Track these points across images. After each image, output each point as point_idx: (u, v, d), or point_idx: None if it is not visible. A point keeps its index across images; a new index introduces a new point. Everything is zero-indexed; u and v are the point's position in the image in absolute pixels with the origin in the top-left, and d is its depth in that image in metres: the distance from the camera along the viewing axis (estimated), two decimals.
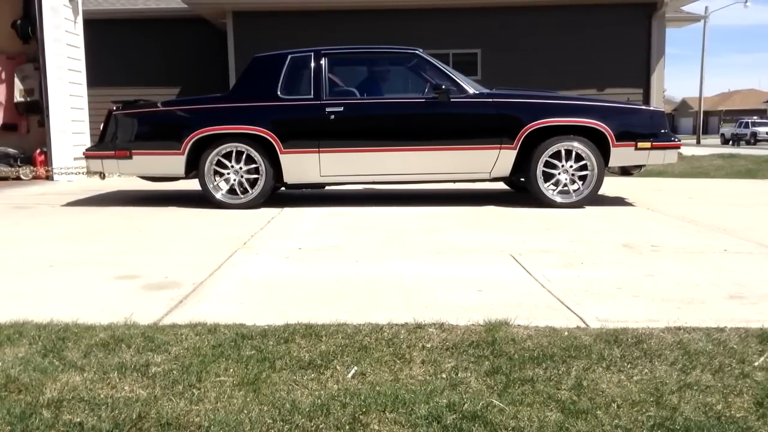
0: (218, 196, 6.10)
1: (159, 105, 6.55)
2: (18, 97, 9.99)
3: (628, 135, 5.93)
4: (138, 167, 6.26)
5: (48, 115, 9.48)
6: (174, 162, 6.07)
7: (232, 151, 6.06)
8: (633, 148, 5.94)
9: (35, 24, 9.50)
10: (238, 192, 6.10)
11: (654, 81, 13.53)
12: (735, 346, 2.36)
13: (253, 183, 6.11)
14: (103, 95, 11.89)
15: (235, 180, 6.10)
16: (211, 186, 6.11)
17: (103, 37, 13.34)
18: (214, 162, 6.08)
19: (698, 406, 1.92)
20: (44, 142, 9.60)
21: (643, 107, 6.96)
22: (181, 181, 6.63)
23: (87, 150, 6.58)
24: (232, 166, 6.08)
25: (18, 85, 9.95)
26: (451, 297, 3.04)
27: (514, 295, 3.09)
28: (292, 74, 6.12)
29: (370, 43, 7.13)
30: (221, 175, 6.10)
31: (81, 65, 10.45)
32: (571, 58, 13.21)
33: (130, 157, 6.16)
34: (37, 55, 9.53)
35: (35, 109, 9.89)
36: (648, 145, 5.95)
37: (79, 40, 10.42)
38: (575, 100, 6.39)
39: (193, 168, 6.15)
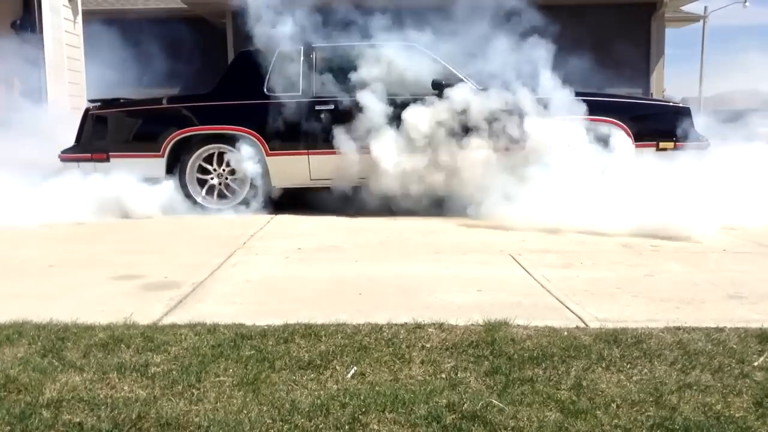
0: (200, 200, 5.80)
1: (138, 104, 6.23)
2: None
3: (648, 134, 5.51)
4: (116, 171, 5.72)
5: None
6: (153, 165, 5.73)
7: (215, 153, 5.79)
8: (654, 148, 5.51)
9: (35, 24, 9.50)
10: (223, 196, 5.83)
11: (654, 81, 13.52)
12: (734, 346, 2.36)
13: (240, 186, 5.82)
14: (103, 95, 11.87)
15: (219, 183, 5.84)
16: (194, 190, 5.80)
17: (103, 36, 13.32)
18: (197, 165, 5.80)
19: (698, 406, 1.92)
20: None
21: (665, 102, 6.34)
22: None
23: (62, 152, 5.95)
24: (216, 169, 5.81)
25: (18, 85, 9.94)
26: (451, 297, 3.04)
27: (514, 295, 3.09)
28: (280, 70, 5.75)
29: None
30: (205, 176, 5.83)
31: (81, 65, 10.45)
32: (571, 58, 13.19)
33: (107, 159, 5.79)
34: None
35: None
36: (671, 145, 5.51)
37: (79, 41, 10.42)
38: (588, 95, 5.88)
39: (174, 170, 5.81)
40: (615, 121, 5.58)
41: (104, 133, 5.95)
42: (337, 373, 2.16)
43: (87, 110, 6.06)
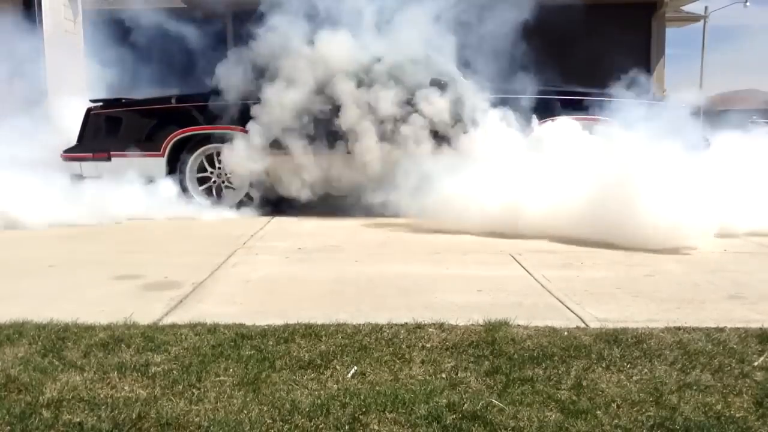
0: (199, 199, 5.84)
1: (139, 104, 6.25)
2: None
3: None
4: (117, 170, 5.82)
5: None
6: (154, 164, 5.80)
7: (215, 153, 5.83)
8: None
9: (35, 23, 9.50)
10: (223, 195, 5.86)
11: (654, 81, 13.52)
12: (734, 346, 2.36)
13: (240, 186, 5.84)
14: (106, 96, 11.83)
15: (218, 183, 5.88)
16: (194, 189, 5.85)
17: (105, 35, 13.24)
18: (197, 165, 5.85)
19: (698, 406, 1.92)
20: None
21: (660, 101, 6.17)
22: None
23: (65, 151, 6.04)
24: (216, 168, 5.85)
25: None
26: (451, 297, 3.04)
27: (514, 295, 3.09)
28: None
29: None
30: (204, 177, 5.88)
31: (81, 65, 10.44)
32: (571, 58, 13.19)
33: (108, 159, 5.85)
34: None
35: None
36: None
37: (79, 40, 10.42)
38: (578, 95, 5.75)
39: (175, 169, 5.87)
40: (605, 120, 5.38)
41: (105, 132, 5.99)
42: (338, 373, 2.16)
43: (89, 110, 6.08)
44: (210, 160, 5.90)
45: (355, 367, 2.19)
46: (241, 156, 5.64)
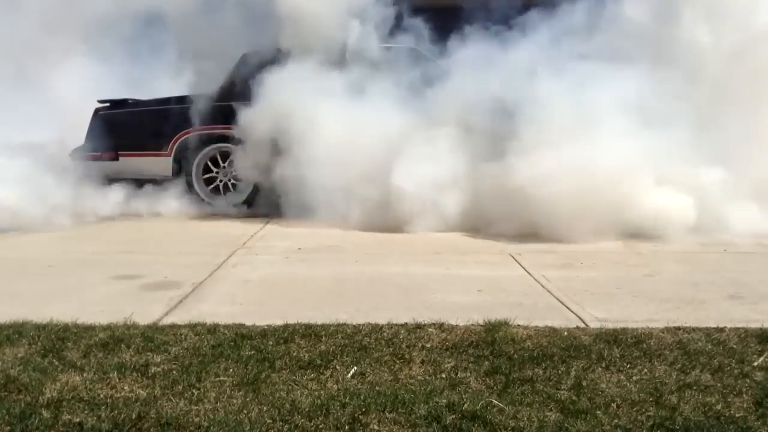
0: (205, 197, 5.91)
1: (145, 104, 6.30)
2: None
3: None
4: (125, 169, 5.97)
5: None
6: (161, 163, 5.90)
7: (221, 152, 5.89)
8: None
9: None
10: (227, 193, 5.93)
11: None
12: (734, 346, 2.36)
13: (244, 185, 5.90)
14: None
15: (224, 182, 5.94)
16: (200, 188, 5.92)
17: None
18: (203, 163, 5.91)
19: (698, 406, 1.92)
20: None
21: None
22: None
23: (73, 151, 6.13)
24: (221, 168, 5.91)
25: None
26: (451, 297, 3.04)
27: (514, 295, 3.09)
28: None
29: None
30: (210, 175, 5.94)
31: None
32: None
33: (117, 158, 5.96)
34: None
35: None
36: None
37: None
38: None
39: (181, 168, 5.95)
40: None
41: (113, 132, 6.02)
42: (338, 373, 2.16)
43: (96, 110, 6.16)
44: (215, 160, 5.95)
45: (355, 367, 2.19)
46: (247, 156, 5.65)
